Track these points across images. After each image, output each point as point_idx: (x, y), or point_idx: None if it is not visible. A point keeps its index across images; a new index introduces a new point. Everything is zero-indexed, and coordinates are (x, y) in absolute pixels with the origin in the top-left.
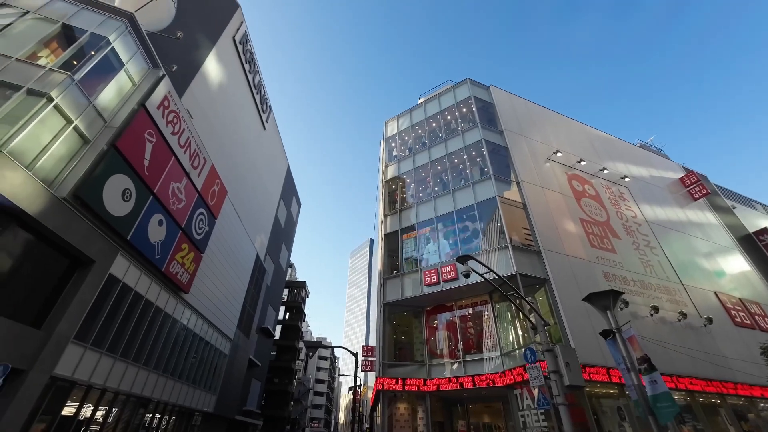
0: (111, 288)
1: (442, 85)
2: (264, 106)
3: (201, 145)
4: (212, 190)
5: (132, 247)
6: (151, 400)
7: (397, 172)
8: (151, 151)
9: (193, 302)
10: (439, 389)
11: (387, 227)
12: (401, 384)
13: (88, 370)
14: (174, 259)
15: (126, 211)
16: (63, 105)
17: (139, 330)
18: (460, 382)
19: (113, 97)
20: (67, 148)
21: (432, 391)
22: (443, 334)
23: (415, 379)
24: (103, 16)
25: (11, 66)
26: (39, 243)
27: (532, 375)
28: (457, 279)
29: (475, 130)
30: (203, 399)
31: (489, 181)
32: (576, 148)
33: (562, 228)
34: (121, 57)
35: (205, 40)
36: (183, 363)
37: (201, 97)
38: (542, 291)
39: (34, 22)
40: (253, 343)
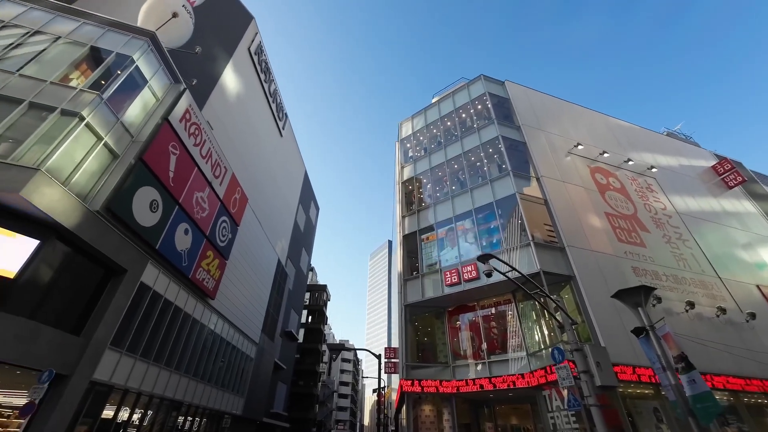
0: (143, 295)
1: (455, 83)
2: (280, 114)
3: (221, 154)
4: (233, 198)
5: (161, 255)
6: (183, 403)
7: (413, 172)
8: (175, 162)
9: (219, 307)
10: (464, 391)
11: (405, 228)
12: (425, 386)
13: (124, 375)
14: (200, 266)
15: (154, 222)
16: (93, 123)
17: (169, 335)
18: (485, 383)
19: (139, 112)
20: (99, 163)
21: (457, 392)
22: (466, 334)
23: (439, 381)
24: (127, 36)
25: (46, 89)
26: (76, 254)
27: (560, 375)
28: (479, 278)
29: (491, 126)
30: (232, 402)
31: (507, 177)
32: (598, 139)
33: (587, 223)
34: (145, 74)
35: (222, 52)
36: (212, 367)
37: (220, 108)
38: (567, 288)
39: (65, 47)
40: (278, 347)
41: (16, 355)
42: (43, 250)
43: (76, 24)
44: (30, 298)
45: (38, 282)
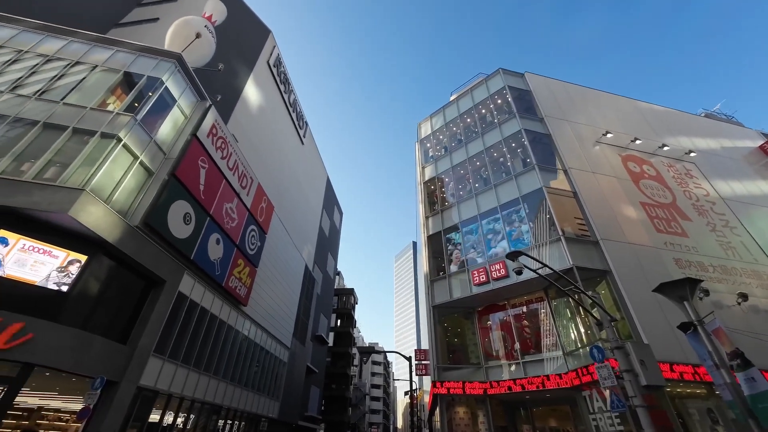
0: (181, 304)
1: (473, 79)
2: (300, 123)
3: (247, 165)
4: (260, 207)
5: (195, 265)
6: (222, 407)
7: (434, 172)
8: (204, 176)
9: (251, 314)
10: (499, 392)
11: (429, 229)
12: (458, 387)
13: (167, 381)
14: (232, 275)
15: (188, 234)
16: (130, 143)
17: (207, 342)
18: (521, 384)
19: (169, 130)
20: (136, 181)
21: (491, 394)
22: (498, 334)
23: (473, 383)
24: (156, 59)
25: (87, 115)
26: (119, 268)
27: (601, 375)
28: (508, 276)
29: (513, 120)
30: (268, 405)
31: (533, 171)
32: (628, 126)
33: (621, 214)
34: (174, 94)
35: (243, 67)
36: (247, 371)
37: (243, 121)
38: (603, 284)
39: (101, 74)
40: (309, 351)
41: (71, 363)
42: (91, 265)
43: (110, 52)
44: (81, 310)
45: (88, 295)
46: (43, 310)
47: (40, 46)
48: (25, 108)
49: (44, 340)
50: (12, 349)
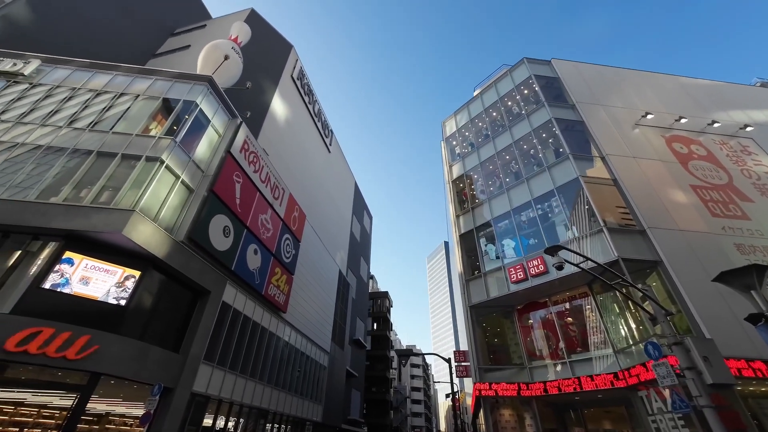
0: (225, 313)
1: (496, 72)
2: (326, 131)
3: (278, 177)
4: (293, 216)
5: (236, 276)
6: (269, 411)
7: (462, 170)
8: (239, 190)
9: (290, 320)
10: (546, 393)
11: (461, 228)
12: (501, 389)
13: (217, 386)
14: (270, 283)
15: (228, 246)
16: (172, 164)
17: (251, 348)
18: (569, 384)
19: (206, 149)
20: (179, 198)
21: (537, 395)
22: (540, 333)
23: (516, 384)
24: (190, 84)
25: (133, 141)
26: (169, 281)
27: (659, 374)
28: (547, 272)
29: (542, 110)
30: (312, 409)
31: (567, 161)
32: (671, 105)
33: (669, 200)
34: (208, 115)
35: (268, 83)
36: (290, 376)
37: (272, 134)
38: (654, 276)
39: (143, 102)
40: (348, 355)
41: (133, 372)
42: (144, 280)
43: (149, 81)
44: (138, 322)
45: (143, 307)
46: (106, 323)
47: (90, 82)
48: (81, 139)
49: (108, 350)
50: (81, 359)
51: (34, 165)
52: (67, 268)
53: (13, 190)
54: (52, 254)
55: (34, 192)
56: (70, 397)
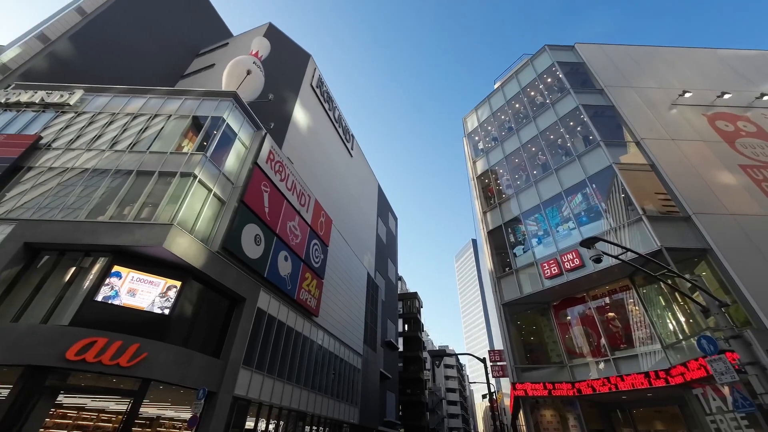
0: (261, 319)
1: (517, 62)
2: (347, 136)
3: (303, 184)
4: (320, 222)
5: (269, 282)
6: (306, 414)
7: (486, 165)
8: (268, 199)
9: (323, 323)
10: (589, 393)
11: (489, 224)
12: (541, 389)
13: (256, 390)
14: (302, 288)
15: (259, 254)
16: (204, 178)
17: (286, 352)
18: (613, 383)
19: (234, 162)
20: (212, 211)
21: (581, 395)
22: (579, 330)
23: (557, 383)
24: (216, 100)
25: (168, 159)
26: (207, 290)
27: (716, 370)
28: (584, 266)
29: (568, 97)
30: (348, 411)
31: (598, 149)
32: (711, 80)
33: (715, 182)
34: (234, 129)
35: (289, 93)
36: (325, 379)
37: (295, 143)
38: (703, 264)
39: (175, 121)
40: (381, 357)
41: (178, 377)
42: (185, 289)
43: (180, 101)
44: (181, 330)
45: (185, 315)
46: (152, 331)
47: (127, 107)
48: (122, 161)
49: (156, 357)
50: (133, 366)
51: (83, 187)
52: (116, 281)
53: (66, 211)
54: (102, 269)
55: (83, 212)
56: (124, 402)
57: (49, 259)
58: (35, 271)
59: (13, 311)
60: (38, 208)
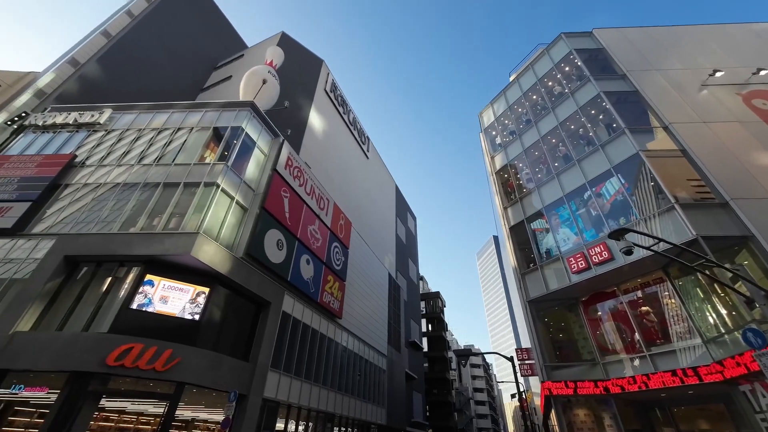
0: (286, 322)
1: (532, 53)
2: (362, 138)
3: (322, 188)
4: (339, 224)
5: (292, 286)
6: (334, 415)
7: (505, 160)
8: (288, 204)
9: (347, 325)
10: (624, 391)
11: (510, 220)
12: (573, 387)
13: (285, 392)
14: (324, 290)
15: (282, 258)
16: (226, 187)
17: (312, 354)
18: (651, 381)
19: (254, 169)
20: (235, 218)
21: (616, 393)
22: (611, 325)
23: (589, 381)
24: (235, 111)
25: (192, 170)
26: (234, 295)
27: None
28: (613, 259)
29: (588, 85)
30: (375, 412)
31: (623, 137)
32: (745, 57)
33: (755, 165)
34: (253, 137)
35: (304, 100)
36: (351, 380)
37: (312, 148)
38: (744, 253)
39: (198, 133)
40: (406, 357)
41: (210, 381)
42: (212, 295)
43: (200, 114)
44: (211, 335)
45: (214, 320)
46: (184, 336)
47: (152, 122)
48: (150, 174)
49: (189, 361)
50: (167, 370)
51: (115, 201)
52: (149, 289)
53: (101, 224)
54: (136, 278)
55: (117, 224)
56: (161, 405)
57: (88, 271)
58: (75, 282)
59: (57, 320)
60: (76, 223)
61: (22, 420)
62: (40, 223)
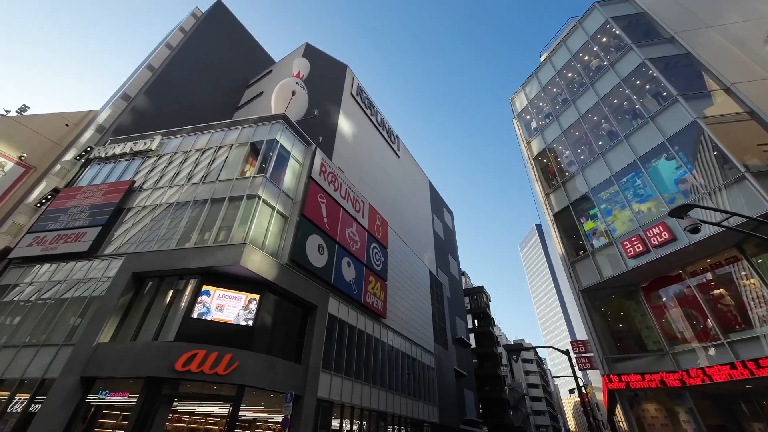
0: (333, 324)
1: (563, 28)
2: (392, 138)
3: (356, 190)
4: (376, 225)
5: (336, 289)
6: (387, 414)
7: (543, 144)
8: (325, 209)
9: (391, 325)
10: (700, 383)
11: (553, 206)
12: (638, 380)
13: (337, 392)
14: (367, 291)
15: (324, 262)
16: (267, 198)
17: (360, 355)
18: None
19: (291, 179)
20: (277, 227)
21: (691, 385)
22: (678, 312)
23: (657, 373)
24: (269, 124)
25: (235, 184)
26: (282, 300)
27: None
28: (675, 239)
29: (630, 54)
30: (427, 410)
31: (676, 105)
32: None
33: None
34: (287, 148)
35: (332, 106)
36: (400, 379)
37: (344, 152)
38: None
39: (237, 150)
40: (453, 354)
41: (267, 383)
42: (263, 301)
43: (238, 131)
44: (264, 339)
45: (265, 325)
46: (240, 342)
47: (196, 144)
48: (198, 192)
49: (247, 365)
50: (229, 374)
51: (170, 219)
52: (206, 299)
53: (160, 242)
54: (194, 289)
55: (173, 241)
56: (226, 407)
57: (152, 285)
58: (143, 296)
59: (131, 331)
60: (139, 242)
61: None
62: (110, 244)
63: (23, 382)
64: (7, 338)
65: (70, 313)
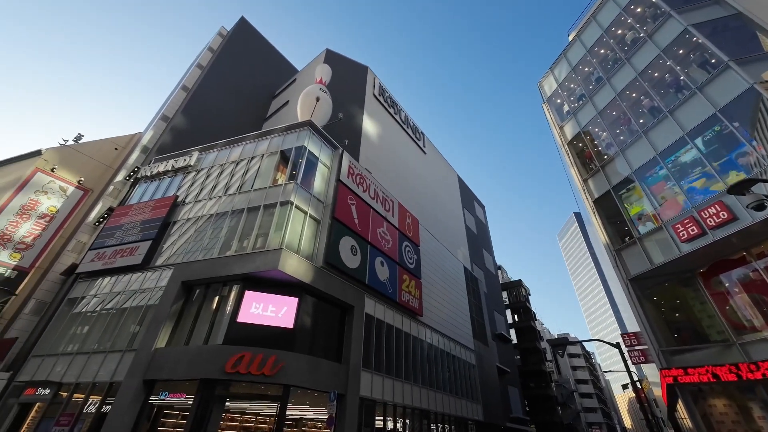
0: (370, 323)
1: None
2: (417, 135)
3: (384, 190)
4: (407, 223)
5: (371, 288)
6: (430, 412)
7: (577, 128)
8: (355, 210)
9: (428, 322)
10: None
11: (593, 192)
12: (703, 374)
13: (378, 390)
14: (402, 290)
15: (357, 263)
16: (299, 203)
17: (399, 353)
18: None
19: (320, 183)
20: (311, 230)
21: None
22: (744, 298)
23: (724, 366)
24: (296, 132)
25: (268, 192)
26: (319, 302)
27: None
28: (735, 219)
29: (670, 22)
30: (471, 408)
31: (728, 72)
32: None
33: None
34: (315, 153)
35: (356, 108)
36: (441, 376)
37: (370, 153)
38: None
39: (268, 159)
40: (494, 351)
41: (311, 382)
42: (301, 304)
43: (267, 141)
44: (305, 340)
45: (305, 327)
46: (283, 343)
47: (230, 156)
48: (235, 202)
49: (291, 366)
50: (275, 375)
51: (212, 229)
52: (248, 303)
53: (204, 251)
54: (238, 294)
55: (216, 250)
56: (273, 406)
57: (200, 292)
58: (192, 303)
59: (184, 336)
60: (185, 253)
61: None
62: (160, 256)
63: (95, 386)
64: (79, 346)
65: (130, 321)
